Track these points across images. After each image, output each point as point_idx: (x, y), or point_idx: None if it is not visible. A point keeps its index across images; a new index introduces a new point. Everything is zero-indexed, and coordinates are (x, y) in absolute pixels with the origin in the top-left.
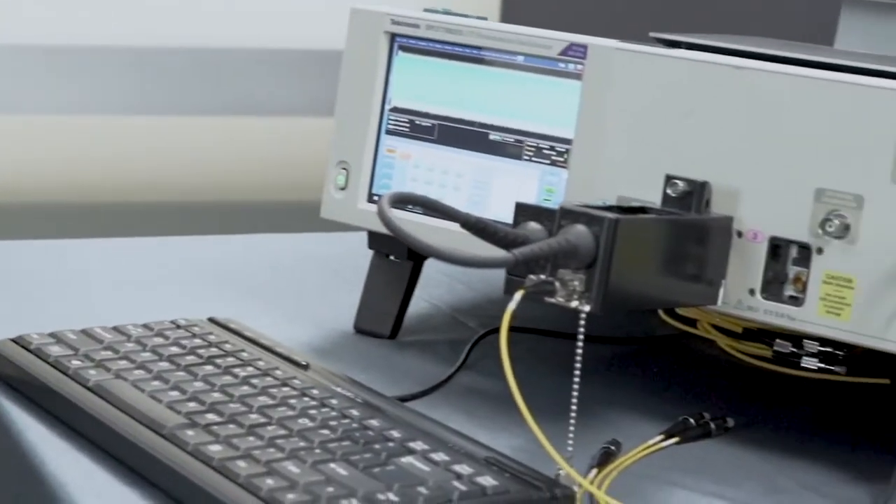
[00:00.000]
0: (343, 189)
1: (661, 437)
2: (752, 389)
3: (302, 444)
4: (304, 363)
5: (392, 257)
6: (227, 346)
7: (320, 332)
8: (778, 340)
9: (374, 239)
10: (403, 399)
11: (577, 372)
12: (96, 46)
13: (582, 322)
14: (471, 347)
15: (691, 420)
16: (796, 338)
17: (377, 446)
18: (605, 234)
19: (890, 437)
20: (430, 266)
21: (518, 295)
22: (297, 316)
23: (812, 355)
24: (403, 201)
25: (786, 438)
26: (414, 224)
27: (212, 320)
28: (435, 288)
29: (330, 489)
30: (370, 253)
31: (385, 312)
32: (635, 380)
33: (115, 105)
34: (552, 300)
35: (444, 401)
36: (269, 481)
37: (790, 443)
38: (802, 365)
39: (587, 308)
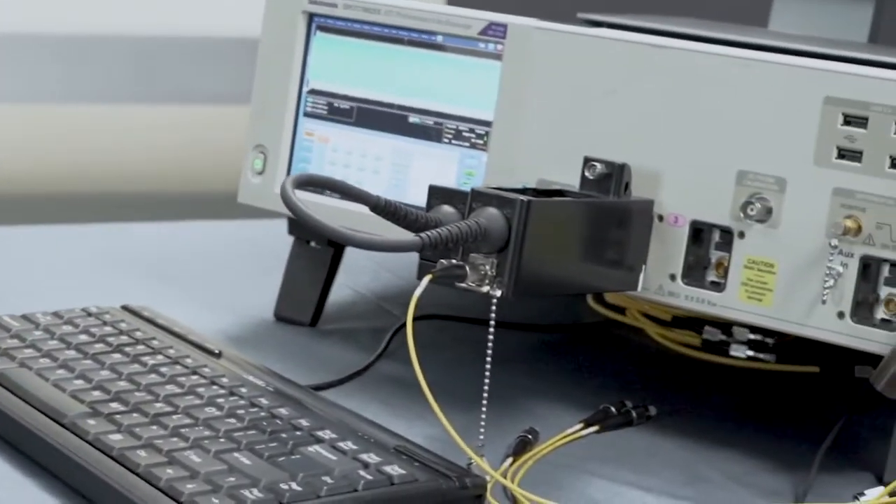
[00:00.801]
0: (260, 173)
1: (581, 425)
2: (679, 378)
3: (207, 433)
4: (216, 351)
5: (313, 243)
6: (138, 335)
7: (239, 320)
8: (707, 328)
9: (294, 225)
10: (318, 388)
11: (489, 359)
12: (16, 34)
13: (493, 308)
14: (392, 335)
15: (612, 408)
16: (726, 325)
17: (284, 435)
18: (516, 217)
19: (815, 426)
20: (357, 253)
21: (425, 280)
22: (216, 303)
23: (741, 343)
24: (308, 184)
25: (710, 427)
26: (326, 207)
27: (125, 308)
28: (361, 275)
29: (231, 479)
30: (291, 239)
31: (305, 300)
32: (560, 368)
33: (31, 93)
34: (462, 285)
35: (361, 389)
36: (169, 471)
37: (714, 432)
38: (731, 353)
39: (498, 293)
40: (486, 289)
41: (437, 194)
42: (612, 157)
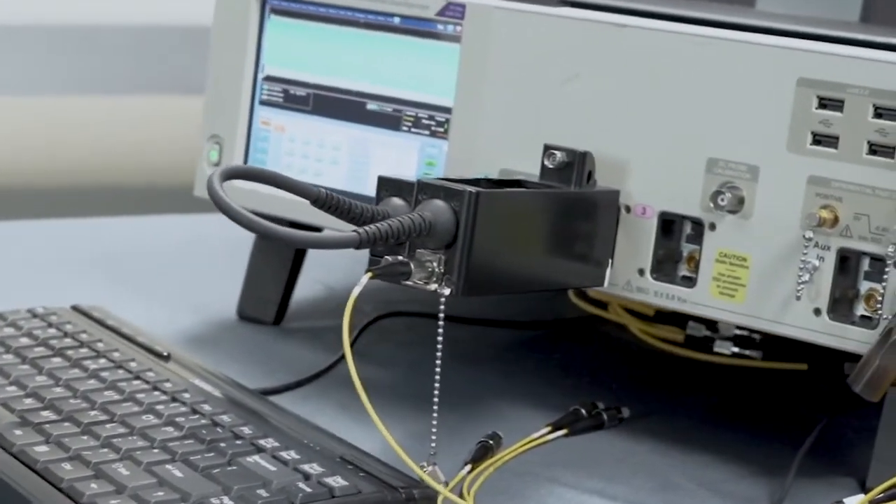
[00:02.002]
0: (217, 165)
1: (548, 429)
2: (659, 377)
3: (140, 443)
4: (164, 354)
5: None
6: (84, 337)
7: (200, 319)
8: (691, 323)
9: None
10: (274, 391)
11: (439, 361)
12: None
13: (442, 307)
14: (358, 334)
15: (583, 410)
16: (711, 320)
17: (223, 445)
18: (464, 210)
19: (798, 428)
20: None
21: (364, 278)
22: (176, 302)
23: (726, 339)
24: (238, 176)
25: (685, 430)
26: (284, 200)
27: (75, 308)
28: (334, 270)
29: (159, 493)
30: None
31: (269, 297)
32: (534, 367)
33: None
34: (408, 283)
35: (320, 392)
36: (94, 485)
37: (689, 435)
38: (715, 349)
39: (447, 291)
40: (433, 287)
41: (387, 186)
42: (576, 144)
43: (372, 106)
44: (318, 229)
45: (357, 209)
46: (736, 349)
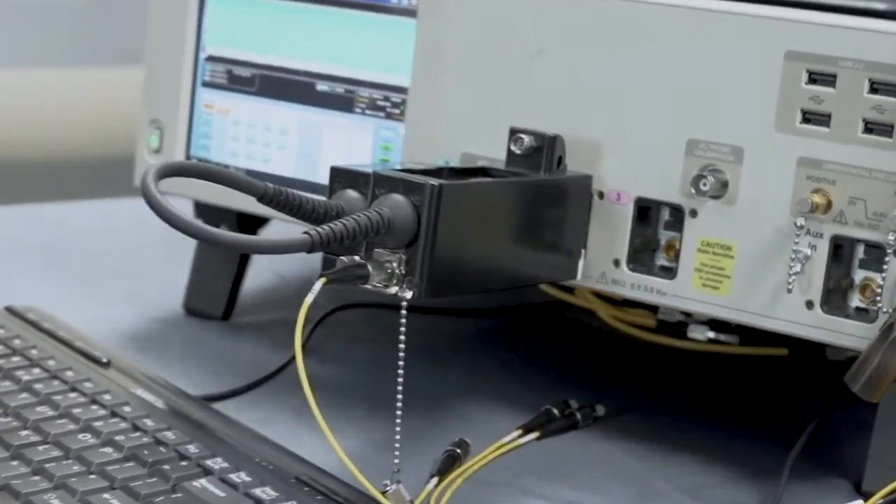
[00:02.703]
0: (157, 152)
1: (518, 432)
2: (632, 367)
3: (76, 468)
4: (104, 360)
5: (223, 227)
6: (17, 343)
7: (144, 315)
8: (663, 307)
9: (201, 208)
10: (222, 396)
11: (401, 371)
12: None
13: (403, 312)
14: (312, 329)
15: (554, 410)
16: None
17: (167, 468)
18: (426, 205)
19: (784, 423)
20: (280, 227)
21: (318, 284)
22: (119, 296)
23: (701, 324)
24: (175, 173)
25: (663, 429)
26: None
27: (8, 310)
28: (283, 257)
29: None
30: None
31: (216, 290)
32: (499, 361)
33: None
34: (367, 286)
35: (272, 396)
36: None
37: (668, 434)
38: (690, 335)
39: (408, 295)
40: (394, 290)
41: (340, 177)
42: (544, 126)
43: (322, 86)
44: (266, 220)
45: (308, 205)
46: (712, 334)
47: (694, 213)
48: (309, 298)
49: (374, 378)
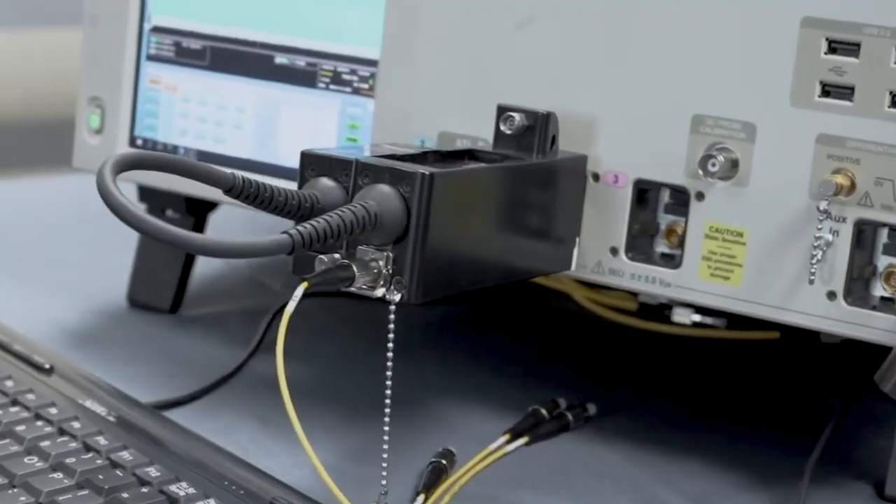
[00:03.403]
0: (98, 132)
1: (506, 437)
2: (616, 356)
3: (24, 499)
4: (46, 366)
5: (169, 212)
6: None
7: (85, 308)
8: None
9: (145, 192)
10: (177, 402)
11: (389, 383)
12: None
13: (392, 317)
14: (269, 322)
15: (543, 411)
16: None
17: (126, 495)
18: (417, 196)
19: (786, 414)
20: (227, 211)
21: (299, 290)
22: (57, 287)
23: (686, 306)
24: (135, 165)
25: (661, 427)
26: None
27: None
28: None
29: None
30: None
31: (163, 280)
32: (473, 353)
33: None
34: (352, 289)
35: (233, 399)
36: None
37: (666, 433)
38: (674, 318)
39: (397, 297)
40: (380, 292)
41: (313, 163)
42: (531, 102)
43: (281, 59)
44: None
45: (281, 197)
46: (697, 317)
47: (700, 197)
48: (290, 307)
49: (342, 378)
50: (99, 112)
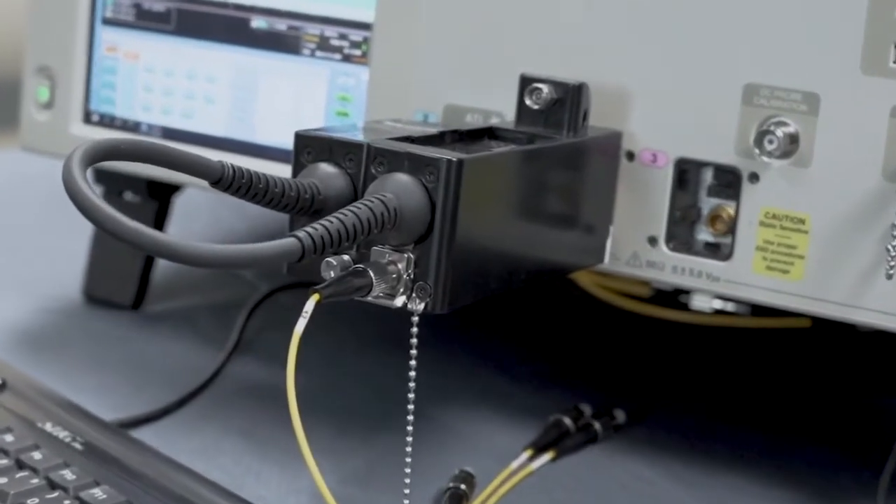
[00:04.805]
0: (47, 107)
1: (528, 452)
2: (634, 350)
3: None
4: None
5: (128, 195)
6: None
7: (35, 305)
8: None
9: (101, 174)
10: (149, 418)
11: (412, 406)
12: None
13: (414, 329)
14: (246, 319)
15: (566, 420)
16: None
17: None
18: (443, 186)
19: (837, 416)
20: (192, 193)
21: (310, 304)
22: (2, 280)
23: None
24: (107, 157)
25: (699, 435)
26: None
27: None
28: (194, 221)
29: None
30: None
31: (124, 273)
32: (479, 353)
33: None
34: (368, 299)
35: (210, 412)
36: None
37: (706, 442)
38: (693, 306)
39: (420, 307)
40: (400, 301)
41: (310, 146)
42: (554, 70)
43: (259, 22)
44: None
45: (277, 188)
46: (718, 304)
47: (754, 178)
48: (300, 326)
49: (332, 383)
50: (48, 84)
